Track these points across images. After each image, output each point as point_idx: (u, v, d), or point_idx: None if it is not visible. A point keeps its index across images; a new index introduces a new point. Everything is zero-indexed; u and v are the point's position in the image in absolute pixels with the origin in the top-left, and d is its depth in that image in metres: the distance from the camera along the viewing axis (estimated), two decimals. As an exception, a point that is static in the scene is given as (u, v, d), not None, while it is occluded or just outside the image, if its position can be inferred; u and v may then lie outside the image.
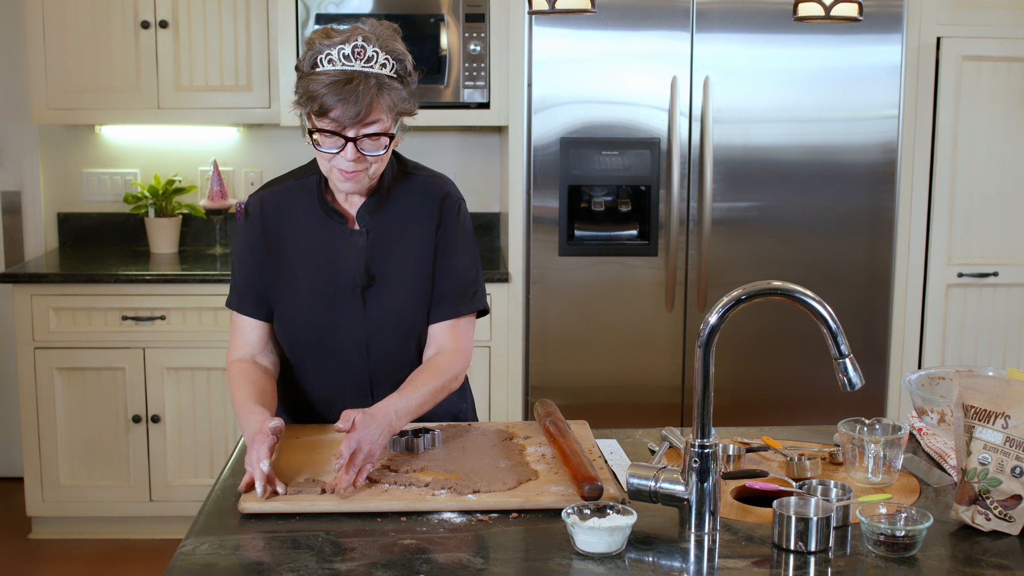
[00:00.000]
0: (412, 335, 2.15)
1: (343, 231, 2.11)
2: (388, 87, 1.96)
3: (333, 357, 2.14)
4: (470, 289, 2.17)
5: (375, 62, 1.95)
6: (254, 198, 2.17)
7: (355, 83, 1.92)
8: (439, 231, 2.14)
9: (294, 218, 2.13)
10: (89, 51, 3.87)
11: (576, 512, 1.62)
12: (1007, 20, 3.72)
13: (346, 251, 2.11)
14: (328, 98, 1.92)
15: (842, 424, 1.91)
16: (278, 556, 1.59)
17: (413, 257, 2.13)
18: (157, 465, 3.79)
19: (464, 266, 2.17)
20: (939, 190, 3.79)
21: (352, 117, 1.93)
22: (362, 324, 2.12)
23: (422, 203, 2.14)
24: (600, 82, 3.60)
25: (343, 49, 1.94)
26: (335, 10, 3.75)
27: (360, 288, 2.10)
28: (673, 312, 3.69)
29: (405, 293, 2.12)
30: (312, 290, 2.11)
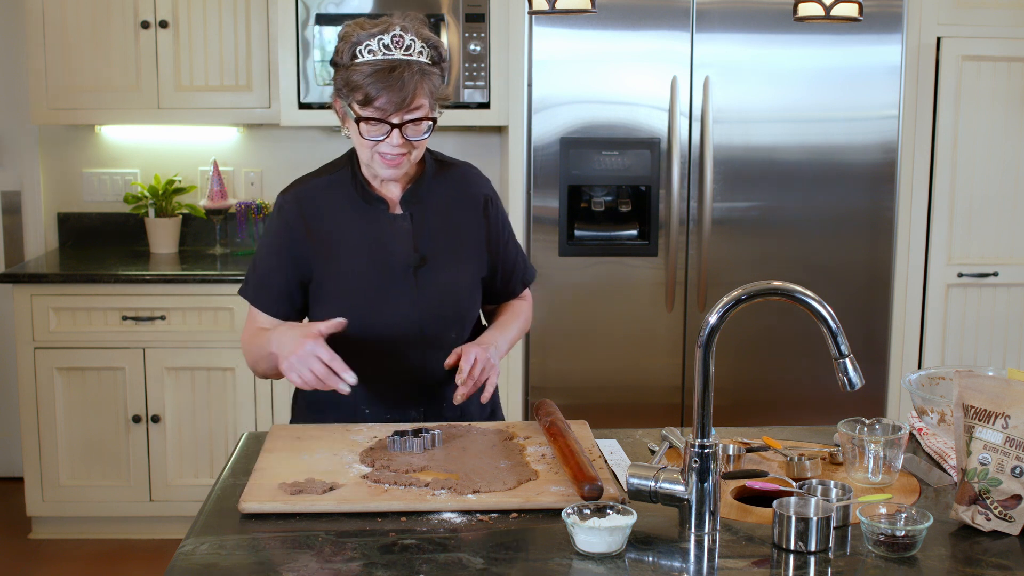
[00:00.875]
0: (461, 312, 2.20)
1: (387, 216, 2.15)
2: (428, 73, 2.02)
3: (387, 342, 2.15)
4: (523, 266, 2.35)
5: (413, 50, 2.01)
6: (288, 196, 2.18)
7: (399, 71, 1.97)
8: (490, 228, 2.23)
9: (335, 210, 2.15)
10: (89, 51, 3.87)
11: (576, 512, 1.62)
12: (1007, 20, 3.72)
13: (393, 235, 2.14)
14: (373, 87, 1.97)
15: (842, 424, 1.91)
16: (278, 556, 1.59)
17: (459, 240, 2.19)
18: (157, 465, 3.79)
19: (517, 250, 2.33)
20: (939, 190, 3.79)
21: (397, 104, 1.98)
22: (415, 305, 2.14)
23: (463, 193, 2.22)
24: (600, 82, 3.60)
25: (382, 39, 1.99)
26: (335, 10, 3.75)
27: (412, 268, 2.14)
28: (673, 312, 3.69)
29: (454, 270, 2.18)
30: (362, 276, 2.14)
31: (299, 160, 4.27)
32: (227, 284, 3.71)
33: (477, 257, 2.22)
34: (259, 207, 4.20)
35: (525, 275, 2.35)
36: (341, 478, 1.84)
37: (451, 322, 2.19)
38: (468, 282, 2.21)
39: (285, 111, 3.80)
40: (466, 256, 2.20)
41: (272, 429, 2.11)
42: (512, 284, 2.32)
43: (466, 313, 2.22)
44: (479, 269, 2.23)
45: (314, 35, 3.76)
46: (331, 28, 3.78)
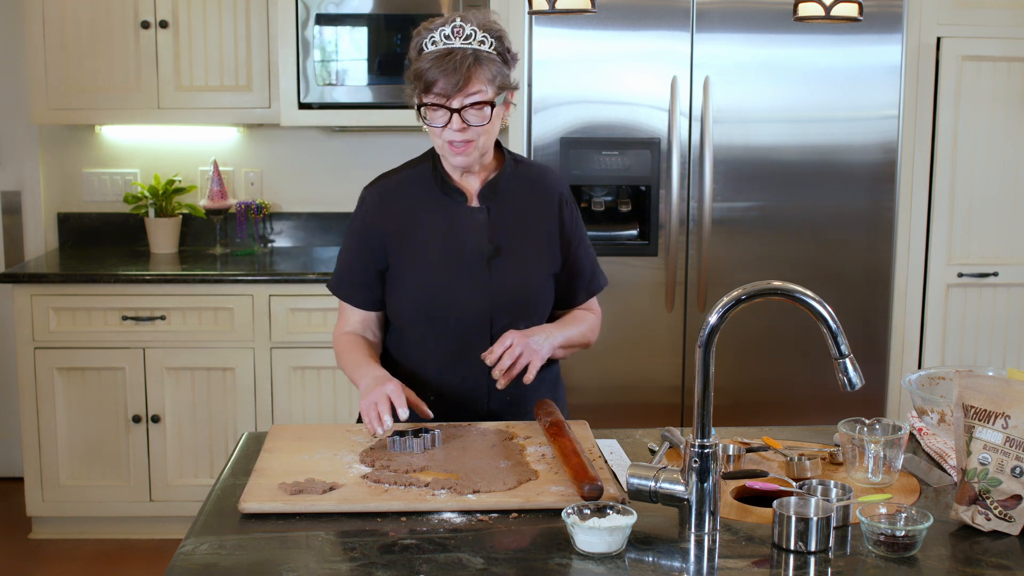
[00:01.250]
0: (533, 305, 2.23)
1: (464, 208, 2.21)
2: (486, 59, 2.09)
3: (457, 331, 2.19)
4: (596, 270, 2.38)
5: (473, 39, 2.09)
6: (371, 189, 2.27)
7: (454, 55, 2.06)
8: (563, 227, 2.27)
9: (414, 202, 2.23)
10: (89, 51, 3.87)
11: (576, 512, 1.62)
12: (1007, 20, 3.72)
13: (469, 226, 2.20)
14: (431, 72, 2.06)
15: (842, 424, 1.91)
16: (278, 556, 1.59)
17: (533, 234, 2.24)
18: (157, 465, 3.79)
19: (588, 254, 2.35)
20: (939, 190, 3.79)
21: (453, 86, 2.06)
22: (487, 294, 2.18)
23: (540, 190, 2.27)
24: (600, 82, 3.60)
25: (444, 30, 2.09)
26: (335, 10, 3.75)
27: (486, 259, 2.19)
28: (673, 312, 3.69)
29: (527, 263, 2.22)
30: (438, 264, 2.19)
31: (299, 160, 4.28)
32: (227, 284, 3.71)
33: (550, 253, 2.25)
34: (259, 207, 4.20)
35: (591, 284, 2.36)
36: (341, 478, 1.84)
37: (521, 314, 2.22)
38: (540, 276, 2.24)
39: (285, 111, 3.80)
40: (539, 250, 2.24)
41: (272, 429, 2.11)
42: (576, 288, 2.33)
43: (536, 307, 2.25)
44: (552, 264, 2.26)
45: (314, 35, 3.76)
46: (331, 28, 3.78)
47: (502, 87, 2.12)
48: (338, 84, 3.82)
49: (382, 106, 3.82)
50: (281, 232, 4.31)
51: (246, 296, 3.71)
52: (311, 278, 3.71)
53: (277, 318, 3.72)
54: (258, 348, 3.74)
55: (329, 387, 3.75)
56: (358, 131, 4.21)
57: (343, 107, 3.82)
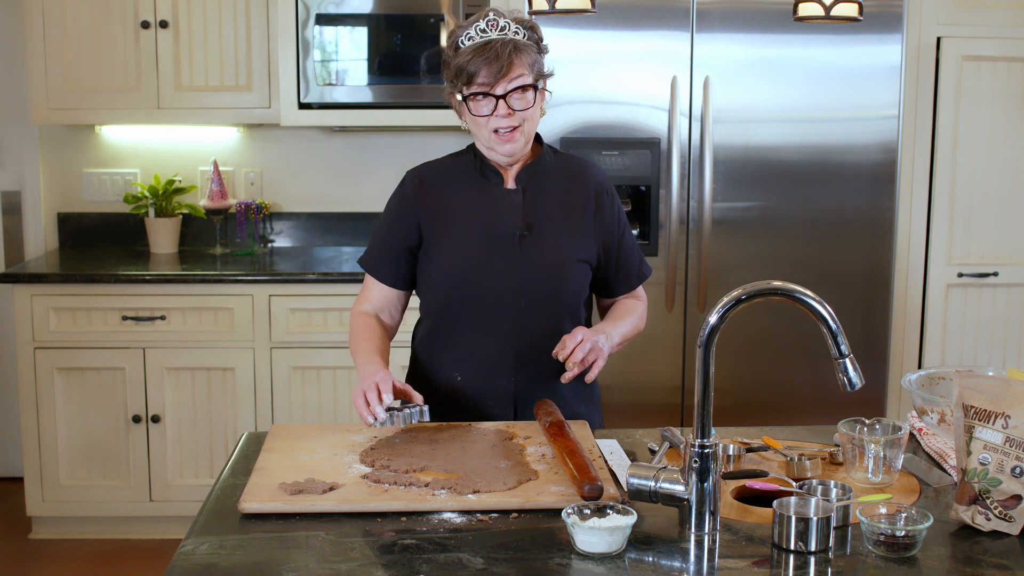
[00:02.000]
0: (561, 286, 2.26)
1: (500, 190, 2.26)
2: (524, 47, 2.15)
3: (484, 304, 2.22)
4: (641, 260, 2.41)
5: (509, 30, 2.15)
6: (411, 171, 2.34)
7: (492, 44, 2.12)
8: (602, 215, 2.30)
9: (452, 183, 2.28)
10: (89, 51, 3.87)
11: (576, 512, 1.62)
12: (1007, 20, 3.72)
13: (503, 206, 2.25)
14: (472, 64, 2.12)
15: (842, 424, 1.91)
16: (278, 556, 1.59)
17: (566, 215, 2.27)
18: (157, 465, 3.79)
19: (632, 245, 2.39)
20: (939, 190, 3.79)
21: (496, 73, 2.12)
22: (516, 270, 2.22)
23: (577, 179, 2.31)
24: (600, 82, 3.60)
25: (478, 25, 2.15)
26: (335, 10, 3.75)
27: (518, 237, 2.22)
28: (673, 312, 3.69)
29: (559, 243, 2.25)
30: (470, 239, 2.23)
31: (299, 160, 4.28)
32: (227, 284, 3.71)
33: (584, 238, 2.28)
34: (259, 207, 4.20)
35: (641, 269, 2.41)
36: (341, 478, 1.84)
37: (550, 294, 2.24)
38: (571, 259, 2.26)
39: (285, 111, 3.80)
40: (571, 234, 2.27)
41: (272, 429, 2.11)
42: (627, 275, 2.38)
43: (567, 290, 2.27)
44: (586, 250, 2.28)
45: (314, 35, 3.76)
46: (331, 28, 3.78)
47: (540, 74, 2.19)
48: (338, 84, 3.82)
49: (382, 106, 3.81)
50: (281, 232, 4.31)
51: (246, 296, 3.71)
52: (311, 278, 3.71)
53: (277, 318, 3.72)
54: (258, 348, 3.74)
55: (329, 387, 3.75)
56: (358, 131, 4.21)
57: (343, 107, 3.82)
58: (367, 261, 2.35)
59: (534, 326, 2.24)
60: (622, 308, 2.39)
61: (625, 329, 2.33)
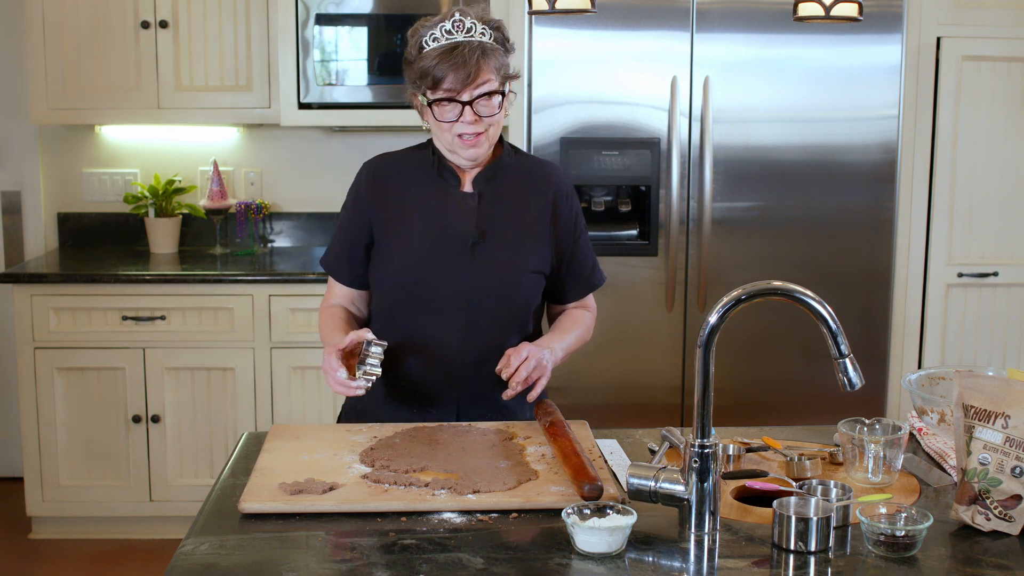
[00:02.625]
0: (513, 296, 2.21)
1: (456, 193, 2.21)
2: (492, 50, 2.09)
3: (433, 309, 2.18)
4: (593, 269, 2.37)
5: (475, 32, 2.09)
6: (367, 163, 2.29)
7: (460, 49, 2.06)
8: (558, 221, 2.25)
9: (409, 180, 2.23)
10: (89, 51, 3.87)
11: (576, 512, 1.62)
12: (1007, 20, 3.72)
13: (458, 210, 2.20)
14: (438, 68, 2.06)
15: (842, 424, 1.91)
16: (278, 556, 1.59)
17: (522, 224, 2.22)
18: (157, 465, 3.79)
19: (588, 250, 2.34)
20: (939, 190, 3.78)
21: (463, 80, 2.06)
22: (467, 277, 2.17)
23: (536, 183, 2.26)
24: (600, 82, 3.60)
25: (444, 26, 2.08)
26: (335, 10, 3.75)
27: (470, 243, 2.18)
28: (673, 312, 3.69)
29: (512, 253, 2.20)
30: (421, 242, 2.19)
31: (299, 160, 4.28)
32: (227, 284, 3.71)
33: (539, 247, 2.23)
34: (259, 207, 4.20)
35: (591, 278, 2.36)
36: (341, 478, 1.84)
37: (501, 304, 2.20)
38: (524, 270, 2.21)
39: (285, 111, 3.80)
40: (528, 243, 2.22)
41: (272, 429, 2.11)
42: (577, 284, 2.33)
43: (518, 300, 2.22)
44: (540, 260, 2.23)
45: (314, 35, 3.76)
46: (331, 28, 3.78)
47: (506, 76, 2.13)
48: (338, 84, 3.82)
49: (382, 106, 3.82)
50: (281, 232, 4.31)
51: (246, 296, 3.71)
52: (311, 278, 3.71)
53: (277, 318, 3.72)
54: (258, 348, 3.74)
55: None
56: (358, 131, 4.21)
57: (343, 107, 3.82)
58: (326, 260, 2.31)
59: (482, 336, 2.19)
60: (569, 319, 2.33)
61: (570, 342, 2.26)
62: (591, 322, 2.37)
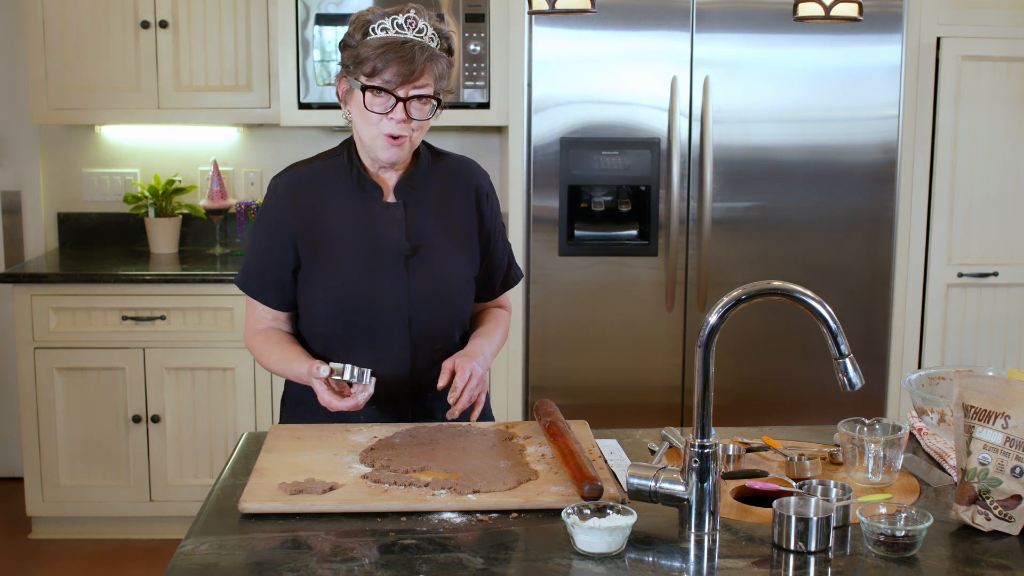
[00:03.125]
0: (452, 306, 2.18)
1: (380, 204, 2.15)
2: (437, 57, 2.04)
3: (374, 332, 2.13)
4: (513, 264, 2.34)
5: (425, 34, 2.03)
6: (281, 179, 2.17)
7: (408, 46, 2.00)
8: (482, 221, 2.22)
9: (328, 195, 2.14)
10: (89, 51, 3.87)
11: (576, 512, 1.62)
12: (1007, 20, 3.72)
13: (385, 223, 2.14)
14: (381, 59, 2.00)
15: (842, 424, 1.91)
16: (278, 556, 1.59)
17: (451, 230, 2.18)
18: (157, 465, 3.79)
19: (505, 248, 2.31)
20: (939, 190, 3.79)
21: (405, 76, 2.00)
22: (405, 294, 2.13)
23: (458, 184, 2.22)
24: (600, 82, 3.60)
25: (396, 19, 2.02)
26: (335, 10, 3.75)
27: (404, 257, 2.13)
28: (673, 312, 3.69)
29: (446, 262, 2.16)
30: (353, 263, 2.12)
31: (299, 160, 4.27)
32: (227, 284, 3.71)
33: (469, 251, 2.20)
34: (259, 207, 4.20)
35: (507, 277, 2.32)
36: (341, 478, 1.84)
37: (442, 316, 2.17)
38: (461, 276, 2.19)
39: (285, 111, 3.80)
40: (459, 248, 2.19)
41: (272, 429, 2.11)
42: (492, 283, 2.29)
43: (457, 309, 2.20)
44: (472, 265, 2.21)
45: (314, 35, 3.76)
46: (331, 28, 3.78)
47: (443, 88, 2.07)
48: (338, 84, 3.81)
49: (382, 106, 3.81)
50: (281, 232, 4.30)
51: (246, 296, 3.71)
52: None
53: (277, 318, 3.72)
54: (258, 348, 3.73)
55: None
56: (358, 131, 4.20)
57: (343, 107, 3.82)
58: (248, 285, 2.19)
59: (427, 349, 2.15)
60: (491, 320, 2.27)
61: (496, 346, 2.22)
62: (509, 322, 2.33)
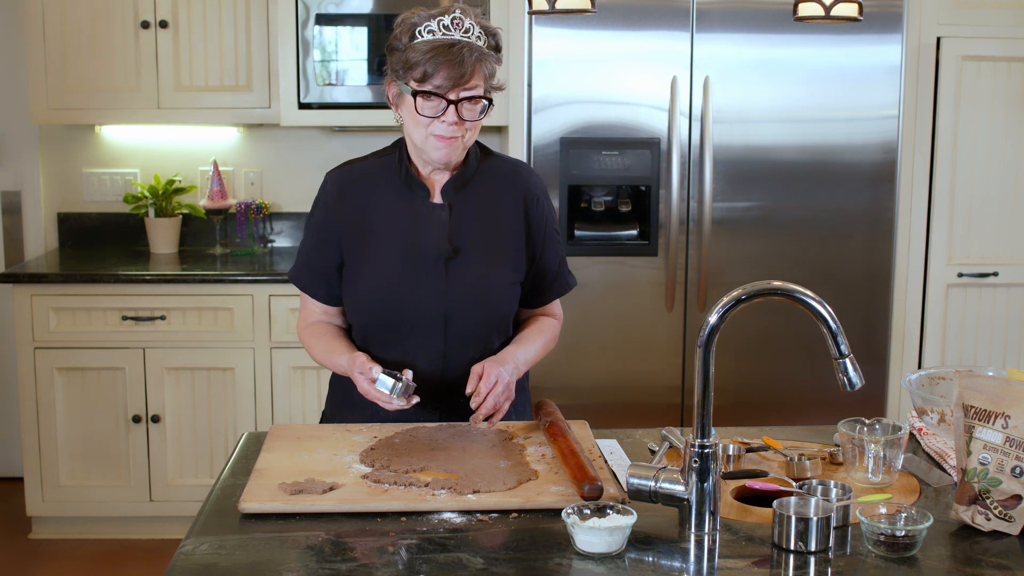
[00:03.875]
0: (490, 311, 2.16)
1: (425, 204, 2.14)
2: (486, 56, 2.03)
3: (409, 330, 2.13)
4: (564, 271, 2.31)
5: (472, 33, 2.02)
6: (332, 175, 2.20)
7: (457, 48, 1.99)
8: (530, 227, 2.20)
9: (376, 192, 2.15)
10: (89, 51, 3.87)
11: (576, 512, 1.62)
12: (1007, 20, 3.72)
13: (429, 224, 2.13)
14: (431, 63, 1.99)
15: (842, 424, 1.91)
16: (278, 556, 1.59)
17: (495, 234, 2.17)
18: (157, 465, 3.79)
19: (559, 253, 2.28)
20: (939, 190, 3.79)
21: (456, 79, 1.99)
22: (443, 295, 2.12)
23: (506, 187, 2.20)
24: (600, 82, 3.60)
25: (442, 20, 2.01)
26: (335, 10, 3.75)
27: (444, 259, 2.12)
28: (673, 312, 3.69)
29: (487, 266, 2.15)
30: (394, 261, 2.12)
31: (299, 160, 4.28)
32: (227, 284, 3.71)
33: (514, 257, 2.18)
34: (259, 207, 4.20)
35: (557, 285, 2.28)
36: (341, 478, 1.84)
37: (479, 319, 2.15)
38: (502, 282, 2.16)
39: (285, 111, 3.80)
40: (503, 254, 2.17)
41: (272, 429, 2.11)
42: (540, 290, 2.26)
43: (497, 313, 2.17)
44: (516, 271, 2.18)
45: (314, 35, 3.76)
46: (331, 28, 3.78)
47: (493, 86, 2.08)
48: (338, 84, 3.82)
49: (382, 106, 3.81)
50: (281, 232, 4.31)
51: (246, 296, 3.71)
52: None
53: (277, 318, 3.72)
54: (258, 348, 3.74)
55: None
56: (358, 131, 4.21)
57: (343, 107, 3.82)
58: (300, 279, 2.23)
59: (462, 352, 2.14)
60: (536, 328, 2.24)
61: (534, 353, 2.19)
62: (557, 331, 2.29)
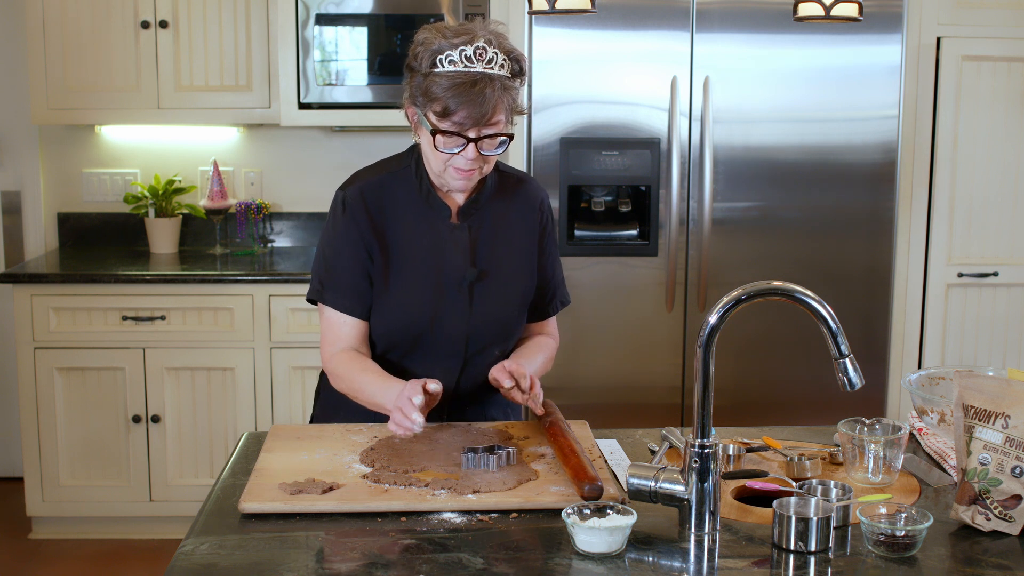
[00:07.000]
0: (510, 328, 2.18)
1: (446, 225, 2.12)
2: (509, 88, 1.98)
3: (430, 347, 2.13)
4: (562, 287, 2.30)
5: (495, 63, 1.96)
6: (353, 190, 2.12)
7: (480, 86, 1.93)
8: (542, 238, 2.21)
9: (397, 209, 2.12)
10: (89, 51, 3.87)
11: (576, 512, 1.62)
12: (1007, 20, 3.72)
13: (451, 245, 2.12)
14: (453, 100, 1.93)
15: (842, 424, 1.91)
16: (278, 556, 1.59)
17: (514, 253, 2.17)
18: (157, 465, 3.79)
19: (554, 270, 2.27)
20: (939, 190, 3.79)
21: (476, 119, 1.95)
22: (466, 318, 2.12)
23: (520, 203, 2.19)
24: (600, 82, 3.60)
25: (464, 51, 1.94)
26: (335, 10, 3.75)
27: (469, 283, 2.12)
28: (673, 312, 3.69)
29: (508, 286, 2.16)
30: (418, 283, 2.11)
31: (299, 160, 4.28)
32: (227, 284, 3.72)
33: (530, 272, 2.20)
34: (259, 207, 4.20)
35: (555, 298, 2.28)
36: (341, 478, 1.84)
37: (498, 337, 2.17)
38: (519, 299, 2.18)
39: (285, 111, 3.80)
40: (521, 271, 2.18)
41: (272, 429, 2.11)
42: (542, 303, 2.26)
43: (512, 331, 2.20)
44: (530, 286, 2.20)
45: (314, 35, 3.76)
46: (331, 28, 3.78)
47: (515, 113, 2.03)
48: (338, 84, 3.82)
49: (382, 106, 3.82)
50: (281, 232, 4.31)
51: (246, 296, 3.71)
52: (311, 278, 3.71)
53: (277, 318, 3.72)
54: (258, 348, 3.74)
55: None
56: (358, 131, 4.21)
57: (343, 107, 3.82)
58: (323, 295, 2.13)
59: (477, 370, 2.16)
60: (534, 346, 2.23)
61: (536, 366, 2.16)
62: (554, 352, 2.27)
